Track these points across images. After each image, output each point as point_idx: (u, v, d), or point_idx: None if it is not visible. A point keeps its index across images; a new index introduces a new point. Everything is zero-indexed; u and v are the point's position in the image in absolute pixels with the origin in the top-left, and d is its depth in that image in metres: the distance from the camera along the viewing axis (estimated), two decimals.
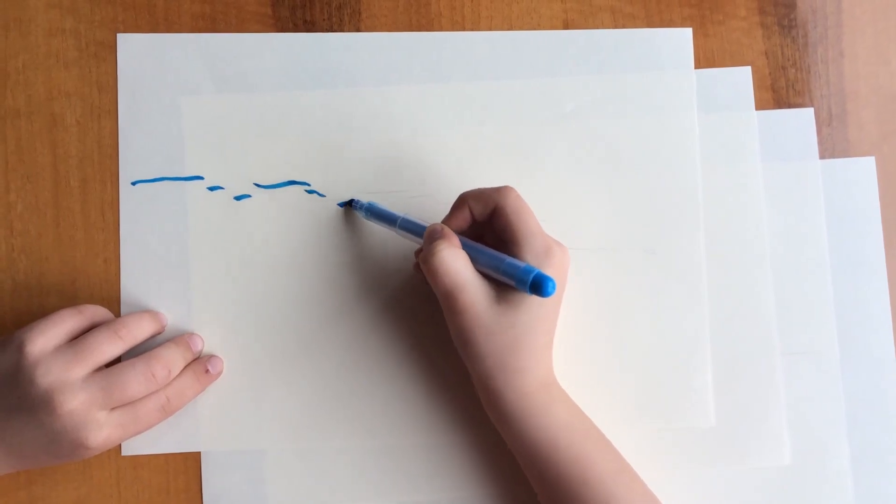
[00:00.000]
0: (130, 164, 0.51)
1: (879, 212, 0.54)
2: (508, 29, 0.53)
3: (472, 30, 0.53)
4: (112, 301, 0.50)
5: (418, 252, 0.48)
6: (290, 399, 0.50)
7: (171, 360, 0.46)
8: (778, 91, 0.54)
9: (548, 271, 0.43)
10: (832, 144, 0.54)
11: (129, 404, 0.45)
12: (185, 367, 0.48)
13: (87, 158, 0.51)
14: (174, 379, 0.47)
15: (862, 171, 0.54)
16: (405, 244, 0.51)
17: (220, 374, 0.49)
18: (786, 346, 0.52)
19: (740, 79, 0.54)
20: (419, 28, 0.53)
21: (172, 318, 0.50)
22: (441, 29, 0.53)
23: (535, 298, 0.44)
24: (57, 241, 0.50)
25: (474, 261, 0.45)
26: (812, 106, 0.54)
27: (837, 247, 0.53)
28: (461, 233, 0.47)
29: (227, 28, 0.52)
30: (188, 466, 0.49)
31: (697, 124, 0.53)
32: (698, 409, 0.51)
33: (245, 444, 0.50)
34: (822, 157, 0.54)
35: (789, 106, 0.54)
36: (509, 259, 0.43)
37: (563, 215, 0.52)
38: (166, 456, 0.49)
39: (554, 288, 0.41)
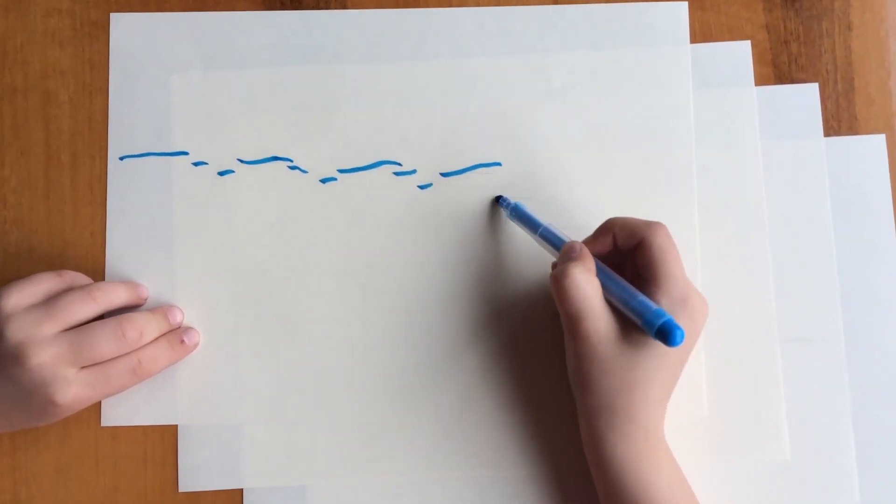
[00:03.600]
0: (119, 139, 0.52)
1: (890, 192, 0.51)
2: (496, 4, 0.52)
3: (459, 6, 0.52)
4: (97, 273, 0.50)
5: (554, 266, 0.47)
6: (268, 374, 0.50)
7: (144, 324, 0.46)
8: (780, 66, 0.52)
9: (680, 321, 0.41)
10: (838, 122, 0.51)
11: (100, 364, 0.45)
12: (161, 336, 0.48)
13: (78, 134, 0.52)
14: (148, 344, 0.47)
15: (871, 149, 0.51)
16: (395, 220, 0.50)
17: (196, 345, 0.49)
18: (786, 332, 0.50)
19: (739, 54, 0.52)
20: (406, 5, 0.52)
21: (155, 291, 0.50)
22: (428, 5, 0.52)
23: (659, 345, 0.41)
24: (47, 214, 0.51)
25: (606, 289, 0.43)
26: (816, 81, 0.51)
27: (844, 229, 0.50)
28: (600, 258, 0.45)
29: (217, 7, 0.52)
30: (165, 439, 0.49)
31: (693, 101, 0.51)
32: (691, 399, 0.49)
33: (223, 419, 0.49)
34: (826, 135, 0.51)
35: (792, 82, 0.51)
36: (642, 297, 0.41)
37: (552, 194, 0.51)
38: (144, 428, 0.49)
39: (682, 339, 0.39)
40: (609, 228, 0.45)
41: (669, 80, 0.51)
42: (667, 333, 0.39)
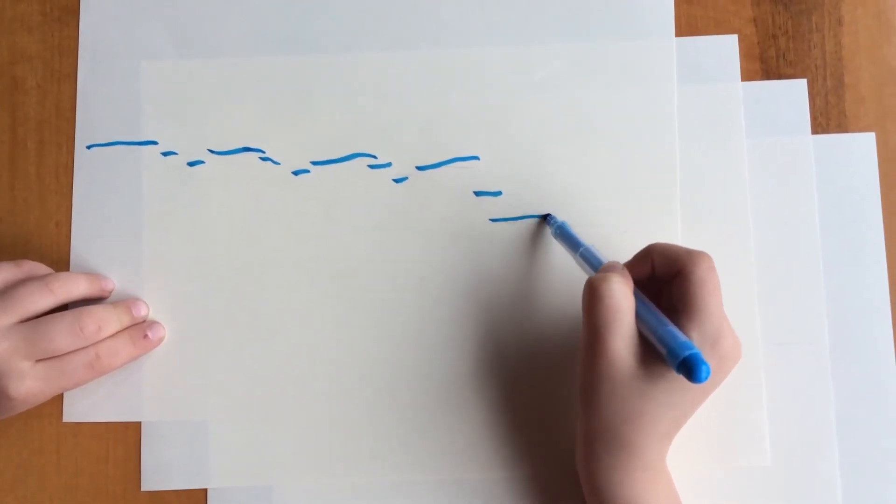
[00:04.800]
0: (87, 127, 0.50)
1: (879, 192, 0.49)
2: None
3: None
4: (61, 264, 0.49)
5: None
6: (236, 371, 0.48)
7: (104, 317, 0.45)
8: (767, 62, 0.50)
9: (708, 359, 0.39)
10: (826, 119, 0.50)
11: (56, 358, 0.44)
12: (124, 330, 0.46)
13: (46, 122, 0.50)
14: (108, 338, 0.45)
15: (860, 147, 0.50)
16: (369, 214, 0.49)
17: (160, 340, 0.48)
18: (770, 335, 0.48)
19: (725, 48, 0.50)
20: None
21: (121, 283, 0.49)
22: None
23: (679, 379, 0.39)
24: (11, 203, 0.50)
25: (636, 312, 0.41)
26: (805, 77, 0.50)
27: (831, 230, 0.49)
28: (636, 283, 0.43)
29: None
30: (128, 436, 0.48)
31: (677, 96, 0.50)
32: None
33: (188, 416, 0.48)
34: (814, 132, 0.49)
35: (780, 77, 0.50)
36: (671, 327, 0.39)
37: (532, 188, 0.49)
38: (107, 424, 0.48)
39: (707, 375, 0.36)
40: (648, 254, 0.43)
41: (654, 73, 0.50)
42: (691, 368, 0.36)
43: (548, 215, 0.49)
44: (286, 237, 0.49)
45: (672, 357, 0.38)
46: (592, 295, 0.40)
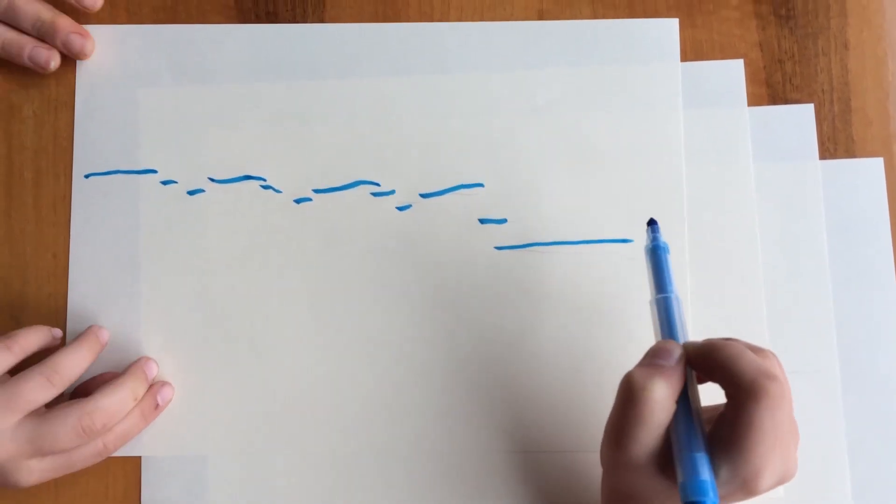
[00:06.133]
0: (85, 156, 0.49)
1: (888, 218, 0.49)
2: (479, 20, 0.50)
3: (441, 20, 0.50)
4: (59, 297, 0.48)
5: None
6: (237, 405, 0.47)
7: (112, 411, 0.43)
8: (773, 86, 0.50)
9: (735, 496, 0.36)
10: (834, 144, 0.49)
11: (64, 453, 0.43)
12: (135, 407, 0.45)
13: (42, 151, 0.50)
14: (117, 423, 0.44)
15: (868, 173, 0.49)
16: (372, 243, 0.48)
17: (168, 403, 0.47)
18: (782, 363, 0.47)
19: (731, 72, 0.50)
20: (385, 19, 0.50)
21: (120, 315, 0.48)
22: (409, 20, 0.50)
23: None
24: (8, 234, 0.49)
25: (673, 421, 0.37)
26: (812, 102, 0.49)
27: (840, 256, 0.48)
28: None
29: (189, 19, 0.50)
30: (128, 471, 0.47)
31: (683, 121, 0.49)
32: None
33: (188, 450, 0.47)
34: (822, 157, 0.49)
35: (786, 102, 0.49)
36: (698, 455, 0.35)
37: (537, 214, 0.48)
38: (106, 460, 0.47)
39: None
40: (711, 355, 0.37)
41: (659, 98, 0.49)
42: None
43: (653, 222, 0.43)
44: (288, 267, 0.48)
45: (682, 491, 0.35)
46: (627, 397, 0.37)
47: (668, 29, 0.50)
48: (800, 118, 0.49)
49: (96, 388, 0.44)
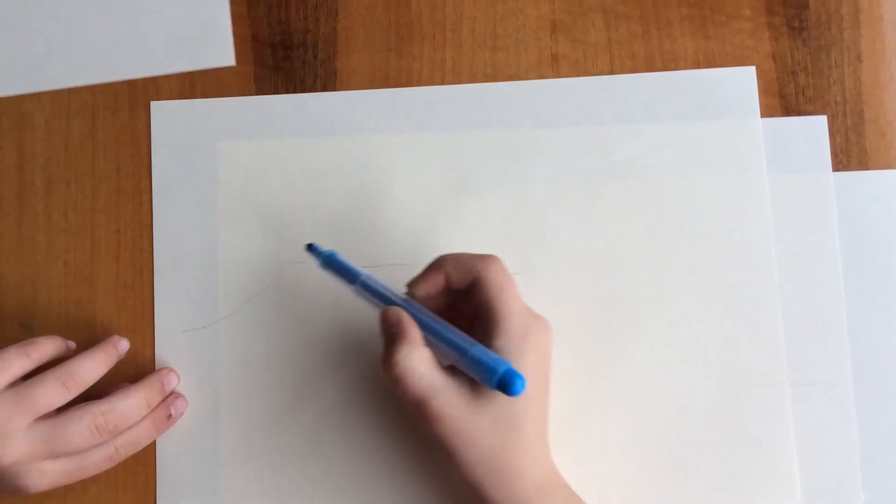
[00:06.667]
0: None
1: None
2: (493, 29, 0.50)
3: (453, 32, 0.50)
4: (69, 305, 0.48)
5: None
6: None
7: (125, 413, 0.44)
8: (786, 98, 0.49)
9: (525, 357, 0.39)
10: (847, 156, 0.49)
11: (75, 454, 0.43)
12: (148, 415, 0.45)
13: (53, 159, 0.50)
14: (129, 427, 0.44)
15: (882, 185, 0.49)
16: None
17: (181, 415, 0.47)
18: (792, 375, 0.47)
19: (743, 80, 0.49)
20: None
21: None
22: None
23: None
24: (18, 241, 0.49)
25: (439, 351, 0.41)
26: (825, 114, 0.49)
27: (853, 268, 0.48)
28: (431, 298, 0.42)
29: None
30: (139, 483, 0.47)
31: (696, 132, 0.49)
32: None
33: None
34: (835, 169, 0.49)
35: (799, 114, 0.49)
36: (473, 351, 0.39)
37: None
38: (117, 474, 0.47)
39: (523, 386, 0.37)
40: (440, 266, 0.42)
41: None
42: (506, 385, 0.37)
43: (310, 245, 0.46)
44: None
45: (488, 382, 0.38)
46: (392, 380, 0.40)
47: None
48: (813, 130, 0.49)
49: None
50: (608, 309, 0.48)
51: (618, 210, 0.49)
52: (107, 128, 0.50)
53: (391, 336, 0.41)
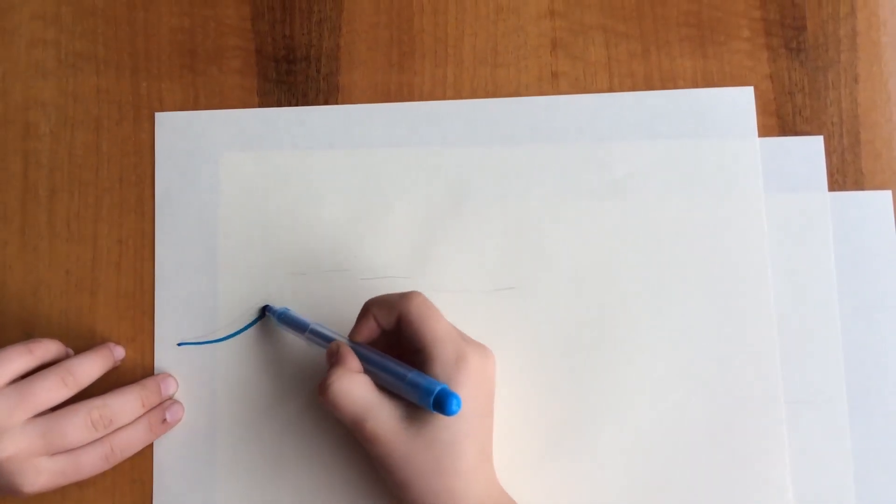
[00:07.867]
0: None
1: None
2: (494, 46, 0.51)
3: (455, 48, 0.51)
4: (70, 313, 0.48)
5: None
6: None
7: (120, 410, 0.44)
8: (784, 118, 0.50)
9: (461, 381, 0.40)
10: (843, 176, 0.49)
11: (71, 451, 0.43)
12: (143, 414, 0.46)
13: (58, 169, 0.50)
14: (125, 427, 0.45)
15: (877, 205, 0.49)
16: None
17: (178, 422, 0.47)
18: (787, 393, 0.48)
19: (741, 100, 0.50)
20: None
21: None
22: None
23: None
24: (21, 250, 0.49)
25: (378, 378, 0.42)
26: (821, 134, 0.50)
27: (848, 287, 0.49)
28: (371, 343, 0.44)
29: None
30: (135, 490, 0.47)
31: (694, 150, 0.49)
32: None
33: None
34: (831, 189, 0.49)
35: (796, 134, 0.50)
36: (411, 375, 0.40)
37: None
38: (113, 480, 0.47)
39: (459, 405, 0.38)
40: (367, 311, 0.43)
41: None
42: (442, 404, 0.38)
43: (266, 307, 0.48)
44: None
45: (424, 403, 0.39)
46: (327, 403, 0.41)
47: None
48: (809, 150, 0.50)
49: None
50: (605, 324, 0.48)
51: (616, 226, 0.49)
52: (111, 138, 0.50)
53: (330, 364, 0.42)
